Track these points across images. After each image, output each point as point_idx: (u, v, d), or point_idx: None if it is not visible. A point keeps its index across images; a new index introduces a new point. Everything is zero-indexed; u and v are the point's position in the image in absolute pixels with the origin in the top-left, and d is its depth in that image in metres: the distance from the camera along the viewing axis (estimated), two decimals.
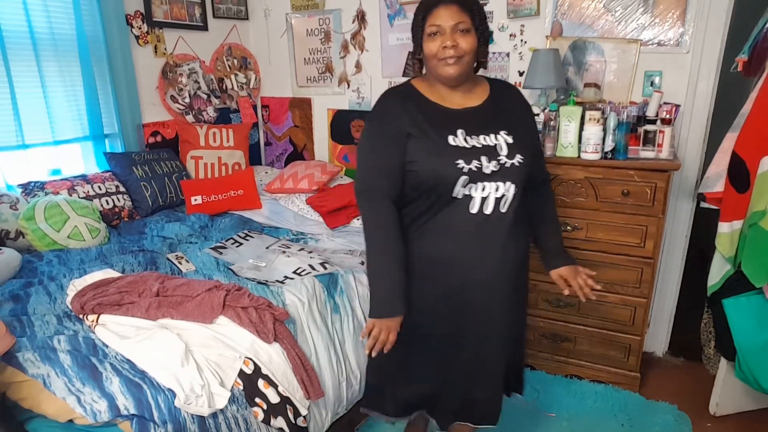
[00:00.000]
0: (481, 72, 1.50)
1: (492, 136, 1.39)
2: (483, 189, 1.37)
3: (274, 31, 3.38)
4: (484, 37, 1.40)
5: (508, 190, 1.39)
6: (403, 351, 1.49)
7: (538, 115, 2.28)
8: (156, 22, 2.90)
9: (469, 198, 1.37)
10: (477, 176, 1.35)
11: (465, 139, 1.37)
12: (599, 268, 2.28)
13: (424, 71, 1.46)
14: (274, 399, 1.57)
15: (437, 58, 1.35)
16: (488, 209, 1.38)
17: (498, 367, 1.60)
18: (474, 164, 1.35)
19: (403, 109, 1.39)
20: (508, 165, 1.38)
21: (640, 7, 2.36)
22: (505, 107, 1.47)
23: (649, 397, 2.33)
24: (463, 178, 1.34)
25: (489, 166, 1.36)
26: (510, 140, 1.40)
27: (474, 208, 1.38)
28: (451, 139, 1.36)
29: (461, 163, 1.34)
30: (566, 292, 1.62)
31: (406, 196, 1.42)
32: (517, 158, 1.39)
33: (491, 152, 1.37)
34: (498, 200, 1.38)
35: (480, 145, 1.37)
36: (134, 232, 2.47)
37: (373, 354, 1.42)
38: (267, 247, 2.29)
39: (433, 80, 1.43)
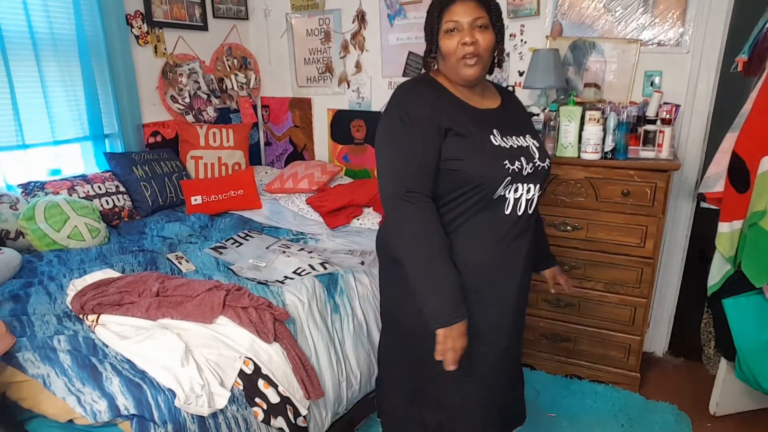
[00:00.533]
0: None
1: (521, 138, 1.37)
2: (516, 190, 1.33)
3: (274, 31, 3.38)
4: (501, 34, 1.36)
5: (537, 191, 1.38)
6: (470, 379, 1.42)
7: (537, 115, 2.28)
8: (156, 22, 2.90)
9: (503, 199, 1.33)
10: (517, 177, 1.32)
11: (503, 140, 1.33)
12: (599, 268, 2.28)
13: (436, 68, 1.40)
14: (274, 399, 1.57)
15: (456, 57, 1.29)
16: (520, 210, 1.35)
17: (520, 364, 1.71)
18: (516, 165, 1.31)
19: (438, 101, 1.31)
20: (540, 167, 1.36)
21: (640, 7, 2.36)
22: (515, 112, 1.46)
23: (649, 397, 2.33)
24: (508, 178, 1.31)
25: (527, 168, 1.33)
26: (537, 143, 1.40)
27: (508, 209, 1.34)
28: (492, 139, 1.32)
29: (507, 163, 1.30)
30: (553, 290, 1.71)
31: (442, 196, 1.33)
32: (547, 161, 1.40)
33: (527, 154, 1.34)
34: (529, 201, 1.36)
35: (516, 146, 1.34)
36: (134, 232, 2.47)
37: (453, 367, 1.28)
38: (267, 247, 2.29)
39: (451, 80, 1.37)
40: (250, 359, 1.58)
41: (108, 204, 2.52)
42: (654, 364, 2.61)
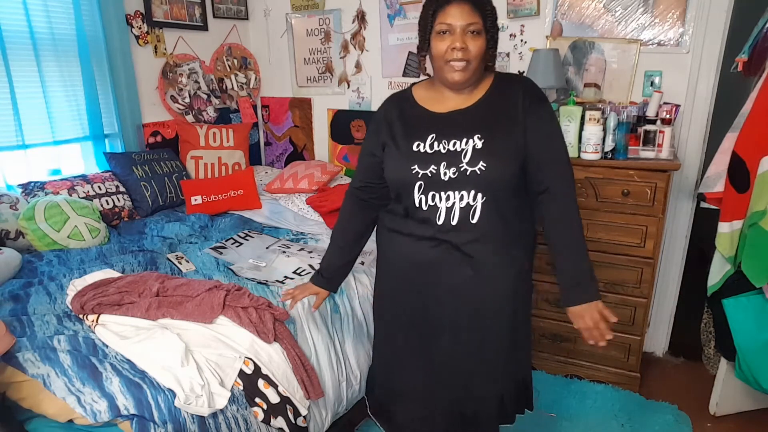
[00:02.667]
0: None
1: (463, 141, 1.32)
2: (447, 199, 1.32)
3: (274, 31, 3.38)
4: (494, 39, 1.34)
5: (474, 199, 1.31)
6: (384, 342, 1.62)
7: None
8: (156, 22, 2.90)
9: (435, 209, 1.34)
10: (434, 183, 1.32)
11: (431, 145, 1.33)
12: (599, 268, 2.28)
13: (427, 68, 1.42)
14: (274, 399, 1.57)
15: (445, 59, 1.29)
16: (454, 220, 1.33)
17: (473, 384, 1.51)
18: (431, 169, 1.31)
19: (385, 121, 1.42)
20: (468, 172, 1.30)
21: (640, 7, 2.36)
22: (497, 107, 1.35)
23: (649, 397, 2.33)
24: (419, 183, 1.33)
25: (447, 173, 1.31)
26: (479, 145, 1.30)
27: (440, 219, 1.34)
28: (415, 146, 1.35)
29: (416, 168, 1.32)
30: (588, 339, 1.44)
31: (389, 200, 1.48)
32: (480, 165, 1.29)
33: (454, 158, 1.31)
34: (464, 210, 1.32)
35: (444, 151, 1.32)
36: (134, 232, 2.47)
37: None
38: (267, 247, 2.29)
39: (436, 81, 1.39)
40: (250, 359, 1.58)
41: (108, 204, 2.52)
42: (654, 364, 2.61)
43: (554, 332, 2.46)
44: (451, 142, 1.32)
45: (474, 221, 1.32)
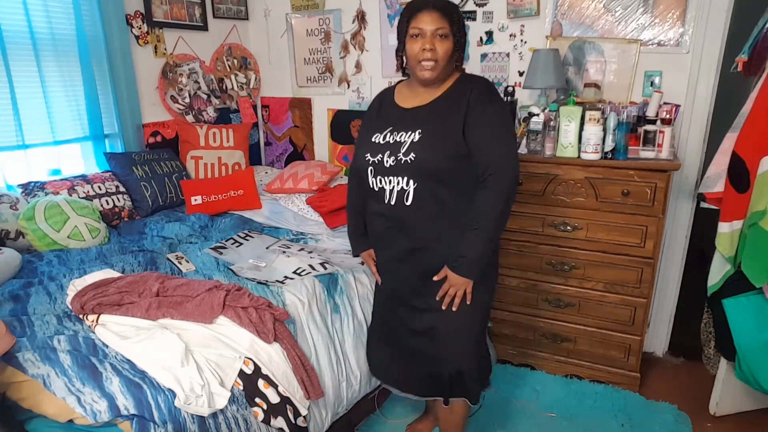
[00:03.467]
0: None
1: (408, 133, 1.54)
2: (389, 182, 1.57)
3: (274, 31, 3.38)
4: (461, 43, 1.54)
5: (407, 184, 1.54)
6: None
7: (537, 115, 2.28)
8: (156, 22, 2.90)
9: (383, 190, 1.59)
10: (379, 169, 1.58)
11: (384, 136, 1.58)
12: (599, 268, 2.29)
13: (404, 66, 1.63)
14: (274, 399, 1.57)
15: (417, 59, 1.51)
16: (393, 200, 1.58)
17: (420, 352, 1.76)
18: (378, 157, 1.56)
19: (368, 117, 1.70)
20: (402, 161, 1.53)
21: (640, 7, 2.36)
22: (447, 104, 1.54)
23: (649, 397, 2.33)
24: (370, 169, 1.60)
25: (389, 161, 1.55)
26: (416, 138, 1.52)
27: (386, 199, 1.60)
28: (373, 137, 1.59)
29: (368, 156, 1.59)
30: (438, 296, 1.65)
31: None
32: (411, 156, 1.51)
33: (395, 149, 1.54)
34: (400, 193, 1.56)
35: (392, 142, 1.55)
36: (134, 232, 2.47)
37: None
38: (267, 247, 2.29)
39: (412, 79, 1.61)
40: (250, 359, 1.58)
41: (108, 204, 2.52)
42: (654, 364, 2.61)
43: (554, 332, 2.46)
44: (399, 135, 1.56)
45: (408, 203, 1.56)
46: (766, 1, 1.97)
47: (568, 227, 2.28)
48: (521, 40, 2.65)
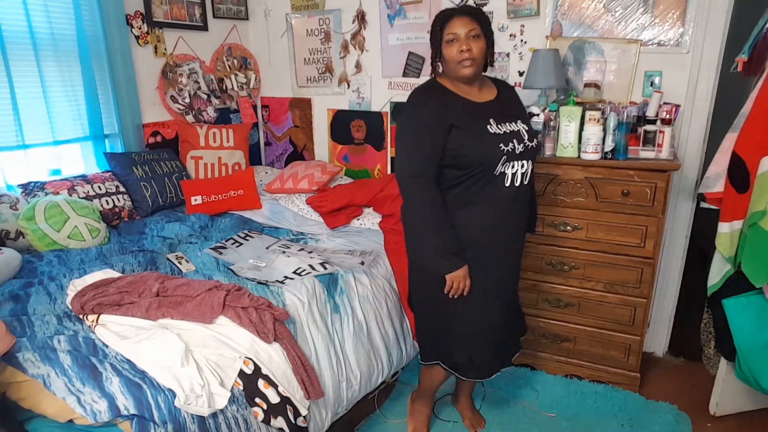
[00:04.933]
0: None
1: (513, 123, 1.71)
2: (513, 166, 1.68)
3: (274, 31, 3.38)
4: (491, 40, 1.70)
5: (529, 166, 1.74)
6: (484, 312, 1.82)
7: (537, 115, 2.28)
8: (156, 22, 2.90)
9: (503, 175, 1.68)
10: (511, 156, 1.67)
11: (498, 127, 1.67)
12: (599, 268, 2.29)
13: (441, 70, 1.74)
14: (274, 399, 1.57)
15: (456, 61, 1.64)
16: (518, 182, 1.71)
17: (517, 300, 2.04)
18: (510, 146, 1.66)
19: (443, 104, 1.67)
20: (529, 147, 1.72)
21: (640, 7, 2.36)
22: (510, 102, 1.80)
23: (649, 397, 2.33)
24: (504, 158, 1.66)
25: (518, 148, 1.68)
26: (526, 127, 1.74)
27: (507, 182, 1.69)
28: (489, 128, 1.66)
29: (502, 146, 1.65)
30: None
31: (453, 177, 1.68)
32: (534, 141, 1.76)
33: (518, 136, 1.69)
34: (523, 175, 1.72)
35: (509, 131, 1.68)
36: (134, 232, 2.47)
37: (454, 295, 1.74)
38: (267, 247, 2.29)
39: (454, 79, 1.71)
40: (250, 359, 1.58)
41: (108, 204, 2.52)
42: (654, 364, 2.61)
43: (554, 332, 2.46)
44: (506, 125, 1.70)
45: (526, 182, 1.76)
46: (766, 1, 1.97)
47: (568, 227, 2.28)
48: (521, 40, 2.65)
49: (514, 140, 1.67)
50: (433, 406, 2.19)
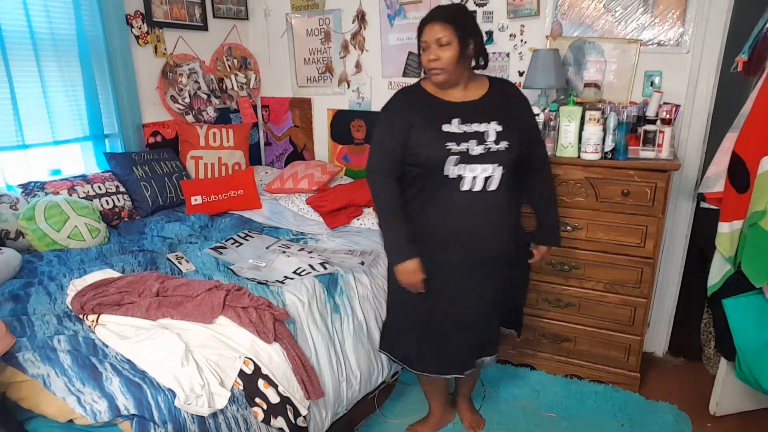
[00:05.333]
0: (486, 71, 1.77)
1: (484, 124, 1.65)
2: (473, 170, 1.64)
3: (274, 31, 3.38)
4: (476, 41, 1.66)
5: (495, 171, 1.65)
6: (430, 310, 1.80)
7: (538, 115, 2.27)
8: (156, 22, 2.90)
9: (461, 178, 1.64)
10: (466, 158, 1.62)
11: (458, 127, 1.64)
12: (599, 268, 2.29)
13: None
14: (274, 399, 1.57)
15: (427, 68, 1.66)
16: (477, 187, 1.65)
17: (495, 309, 1.90)
18: (463, 147, 1.62)
19: (408, 104, 1.70)
20: (494, 149, 1.64)
21: (640, 7, 2.36)
22: (501, 101, 1.72)
23: (649, 397, 2.33)
24: (453, 158, 1.62)
25: (477, 150, 1.63)
26: (499, 129, 1.66)
27: (464, 186, 1.65)
28: (444, 127, 1.64)
29: (451, 145, 1.62)
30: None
31: (412, 175, 1.70)
32: (503, 144, 1.65)
33: (480, 137, 1.64)
34: (486, 179, 1.65)
35: (471, 131, 1.64)
36: (134, 232, 2.47)
37: (414, 290, 1.73)
38: (267, 247, 2.29)
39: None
40: (250, 359, 1.58)
41: (108, 204, 2.52)
42: (654, 364, 2.61)
43: (554, 332, 2.46)
44: (474, 125, 1.65)
45: (491, 189, 1.68)
46: (766, 1, 1.97)
47: (568, 227, 2.28)
48: (521, 40, 2.65)
49: (472, 141, 1.62)
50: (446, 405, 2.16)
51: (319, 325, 1.87)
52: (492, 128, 1.65)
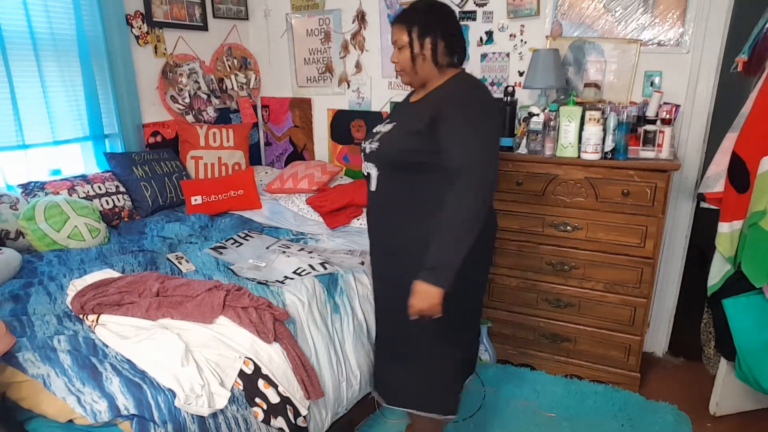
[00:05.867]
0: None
1: (389, 125, 1.64)
2: (365, 167, 1.67)
3: (274, 31, 3.38)
4: (435, 38, 1.53)
5: (371, 170, 1.64)
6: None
7: (537, 114, 2.28)
8: (156, 22, 2.90)
9: (369, 176, 1.67)
10: (365, 157, 1.66)
11: (381, 126, 1.67)
12: (599, 268, 2.29)
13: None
14: (274, 399, 1.57)
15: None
16: (372, 186, 1.66)
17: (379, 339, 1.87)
18: (364, 144, 1.66)
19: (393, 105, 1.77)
20: (367, 150, 1.64)
21: (640, 7, 2.36)
22: (429, 104, 1.56)
23: (649, 397, 2.33)
24: (364, 157, 1.67)
25: (368, 148, 1.64)
26: (386, 129, 1.62)
27: (371, 186, 1.67)
28: (376, 127, 1.69)
29: (364, 144, 1.67)
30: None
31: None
32: (374, 144, 1.62)
33: (372, 138, 1.65)
34: (371, 179, 1.65)
35: (376, 132, 1.66)
36: (134, 232, 2.47)
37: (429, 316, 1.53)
38: (267, 247, 2.29)
39: None
40: (250, 359, 1.58)
41: (108, 204, 2.52)
42: (654, 364, 2.61)
43: (554, 332, 2.46)
44: (385, 125, 1.66)
45: (372, 189, 1.66)
46: (766, 1, 1.97)
47: (568, 227, 2.28)
48: (521, 40, 2.65)
49: (368, 141, 1.65)
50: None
51: (319, 325, 1.87)
52: (386, 129, 1.63)
